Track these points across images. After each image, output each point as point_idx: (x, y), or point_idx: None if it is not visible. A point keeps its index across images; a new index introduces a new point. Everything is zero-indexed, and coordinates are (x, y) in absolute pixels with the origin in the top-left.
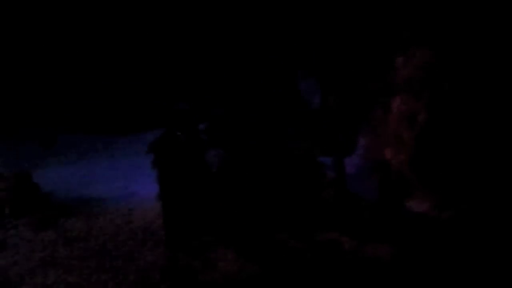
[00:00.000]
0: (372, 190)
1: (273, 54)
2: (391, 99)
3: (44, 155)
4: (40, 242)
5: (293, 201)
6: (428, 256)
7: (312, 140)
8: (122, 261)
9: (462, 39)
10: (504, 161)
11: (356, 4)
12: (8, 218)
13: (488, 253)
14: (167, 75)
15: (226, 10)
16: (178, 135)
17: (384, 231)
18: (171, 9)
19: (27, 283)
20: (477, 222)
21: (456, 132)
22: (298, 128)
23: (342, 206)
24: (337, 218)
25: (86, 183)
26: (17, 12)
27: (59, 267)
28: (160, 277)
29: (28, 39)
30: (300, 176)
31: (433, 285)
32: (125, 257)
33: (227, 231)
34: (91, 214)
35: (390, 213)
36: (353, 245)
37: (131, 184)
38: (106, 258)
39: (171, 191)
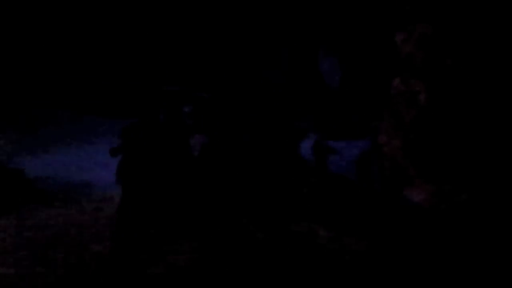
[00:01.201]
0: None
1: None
2: (393, 79)
3: (42, 140)
4: None
5: (271, 190)
6: (410, 253)
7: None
8: (65, 253)
9: (466, 12)
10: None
11: None
12: None
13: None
14: (159, 55)
15: None
16: (155, 120)
17: (363, 223)
18: None
19: None
20: (476, 215)
21: (457, 115)
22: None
23: (322, 194)
24: (314, 208)
25: (82, 168)
26: None
27: None
28: (99, 271)
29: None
30: (280, 165)
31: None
32: (72, 248)
33: (191, 221)
34: (65, 201)
35: (376, 203)
36: (325, 237)
37: None
38: (51, 250)
39: (132, 178)
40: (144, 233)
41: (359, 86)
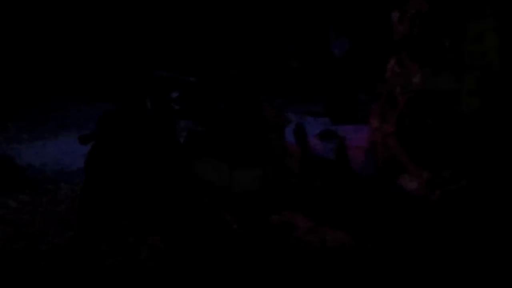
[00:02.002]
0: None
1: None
2: (388, 60)
3: (39, 128)
4: None
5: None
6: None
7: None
8: (24, 245)
9: None
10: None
11: None
12: None
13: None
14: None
15: None
16: (141, 106)
17: (346, 212)
18: None
19: None
20: (475, 203)
21: (454, 99)
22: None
23: (306, 181)
24: (298, 196)
25: (78, 156)
26: None
27: None
28: (52, 263)
29: None
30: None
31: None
32: (33, 240)
33: (162, 211)
34: (47, 190)
35: (362, 190)
36: (304, 229)
37: None
38: (11, 241)
39: (101, 167)
40: (111, 224)
41: (368, 68)
